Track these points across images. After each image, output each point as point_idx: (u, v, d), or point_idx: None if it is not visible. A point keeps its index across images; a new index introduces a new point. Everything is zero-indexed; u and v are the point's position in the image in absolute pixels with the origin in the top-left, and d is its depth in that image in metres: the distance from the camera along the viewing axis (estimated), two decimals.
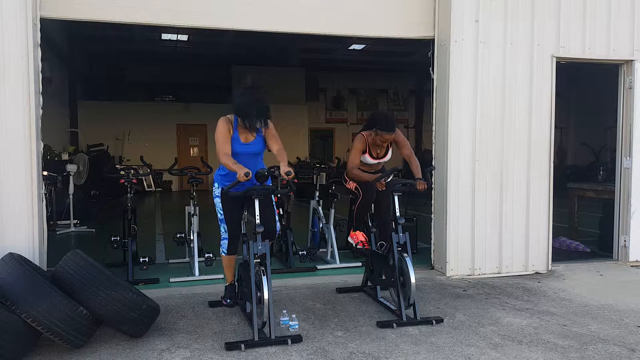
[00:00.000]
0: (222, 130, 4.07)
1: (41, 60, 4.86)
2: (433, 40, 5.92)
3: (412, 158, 4.80)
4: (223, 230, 4.36)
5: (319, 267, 6.18)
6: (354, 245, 4.99)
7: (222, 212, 4.32)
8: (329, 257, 6.47)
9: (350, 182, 5.06)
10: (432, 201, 6.02)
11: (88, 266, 3.74)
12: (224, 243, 4.38)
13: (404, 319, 4.21)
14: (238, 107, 4.03)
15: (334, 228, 6.46)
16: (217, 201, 4.33)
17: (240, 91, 4.08)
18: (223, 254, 4.43)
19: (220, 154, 4.02)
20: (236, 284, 4.51)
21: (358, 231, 5.02)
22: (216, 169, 4.38)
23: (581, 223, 7.78)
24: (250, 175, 3.78)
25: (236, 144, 4.11)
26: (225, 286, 4.61)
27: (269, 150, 4.24)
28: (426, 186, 4.59)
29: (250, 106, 3.97)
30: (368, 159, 4.94)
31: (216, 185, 4.33)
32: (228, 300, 4.55)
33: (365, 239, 4.95)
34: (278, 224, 4.44)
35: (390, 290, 4.62)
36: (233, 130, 4.11)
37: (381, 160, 5.00)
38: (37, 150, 4.75)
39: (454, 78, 5.68)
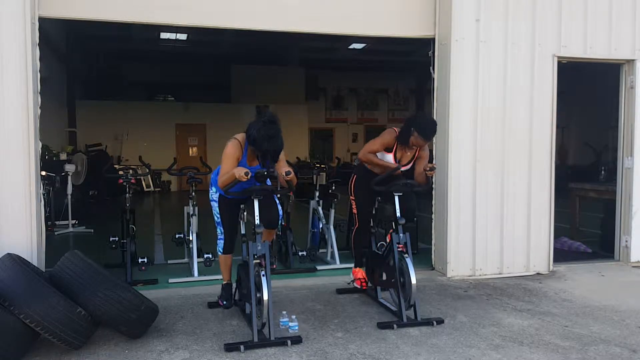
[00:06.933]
0: (230, 155, 3.99)
1: (39, 59, 4.83)
2: (433, 39, 5.89)
3: (419, 174, 4.60)
4: (220, 233, 4.39)
5: (318, 267, 6.15)
6: (352, 281, 5.01)
7: (219, 215, 4.36)
8: (329, 257, 6.44)
9: (354, 201, 4.88)
10: (433, 201, 5.99)
11: (86, 267, 3.72)
12: (220, 243, 4.40)
13: (405, 320, 4.19)
14: (253, 140, 3.89)
15: (334, 228, 6.43)
16: (215, 205, 4.36)
17: (257, 124, 3.87)
18: (220, 253, 4.46)
19: (221, 177, 4.00)
20: (233, 284, 4.51)
21: (359, 268, 4.95)
22: (214, 170, 4.36)
23: (583, 223, 7.75)
24: (250, 174, 3.77)
25: (244, 166, 3.98)
26: (222, 285, 4.59)
27: None
28: (434, 172, 4.50)
29: (263, 143, 3.83)
30: (389, 158, 4.67)
31: (214, 189, 4.32)
32: (224, 302, 4.51)
33: (364, 277, 4.92)
34: (280, 213, 4.39)
35: (390, 291, 4.60)
36: (242, 155, 4.04)
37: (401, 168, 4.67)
38: (35, 150, 4.72)
39: (455, 77, 5.65)
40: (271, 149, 3.86)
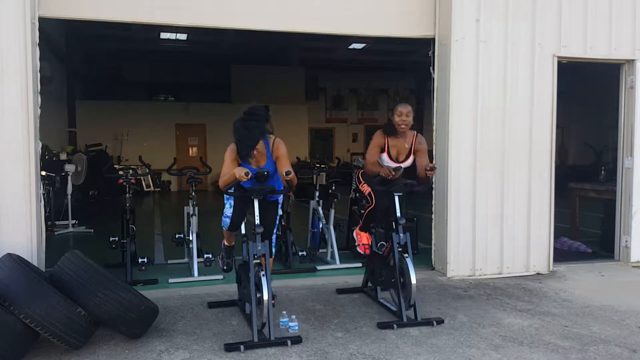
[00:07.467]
0: (229, 157, 4.05)
1: (39, 59, 4.84)
2: (433, 39, 5.89)
3: (422, 167, 4.58)
4: (228, 207, 4.28)
5: (318, 267, 6.15)
6: (355, 243, 4.93)
7: (233, 190, 4.26)
8: (328, 257, 6.44)
9: (365, 185, 4.79)
10: (433, 201, 5.99)
11: (86, 267, 3.71)
12: (226, 221, 4.32)
13: (405, 320, 4.19)
14: (233, 130, 3.97)
15: (334, 228, 6.43)
16: None
17: (239, 117, 3.98)
18: (224, 228, 4.40)
19: (222, 177, 4.01)
20: (233, 246, 4.57)
21: (364, 232, 4.88)
22: None
23: (583, 223, 7.75)
24: (250, 174, 3.77)
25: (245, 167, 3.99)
26: (224, 246, 4.61)
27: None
28: (435, 172, 4.51)
29: (236, 134, 3.92)
30: (385, 159, 4.67)
31: None
32: (225, 268, 4.61)
33: (369, 243, 4.86)
34: (275, 230, 4.41)
35: (390, 291, 4.60)
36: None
37: (400, 165, 4.63)
38: (35, 150, 4.72)
39: (455, 77, 5.65)
40: (245, 140, 3.88)
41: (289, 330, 4.00)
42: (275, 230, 4.41)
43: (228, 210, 4.29)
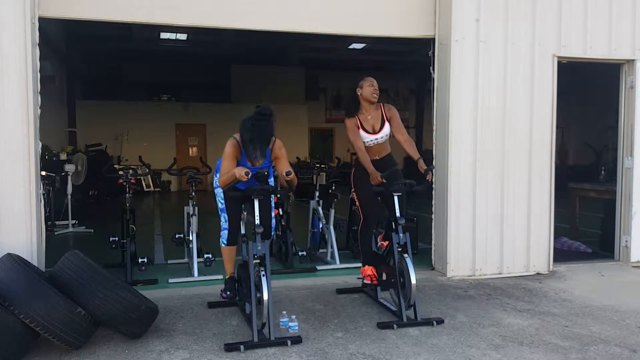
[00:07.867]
0: (229, 153, 4.03)
1: (39, 59, 4.84)
2: (433, 39, 5.90)
3: (406, 142, 4.69)
4: (223, 220, 4.33)
5: (318, 267, 6.15)
6: (363, 281, 4.83)
7: (223, 202, 4.30)
8: (329, 257, 6.44)
9: (354, 193, 4.84)
10: (433, 201, 5.99)
11: (86, 267, 3.72)
12: (224, 233, 4.34)
13: (405, 320, 4.19)
14: (242, 130, 3.96)
15: (334, 228, 6.43)
16: (219, 191, 4.31)
17: (247, 117, 3.97)
18: (223, 244, 4.40)
19: (221, 176, 4.02)
20: (236, 277, 4.46)
21: (367, 266, 4.79)
22: (218, 159, 4.35)
23: (583, 223, 7.75)
24: (250, 174, 3.77)
25: (244, 166, 4.01)
26: (225, 279, 4.56)
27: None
28: (432, 174, 4.55)
29: (247, 134, 3.91)
30: (364, 135, 4.72)
31: (218, 175, 4.29)
32: (228, 293, 4.50)
33: (374, 273, 4.77)
34: (274, 221, 4.42)
35: (390, 291, 4.60)
36: (241, 154, 4.06)
37: (377, 136, 4.73)
38: (35, 150, 4.72)
39: (455, 77, 5.65)
40: (256, 140, 3.88)
41: (289, 330, 4.00)
42: (273, 215, 4.40)
43: (224, 224, 4.33)
